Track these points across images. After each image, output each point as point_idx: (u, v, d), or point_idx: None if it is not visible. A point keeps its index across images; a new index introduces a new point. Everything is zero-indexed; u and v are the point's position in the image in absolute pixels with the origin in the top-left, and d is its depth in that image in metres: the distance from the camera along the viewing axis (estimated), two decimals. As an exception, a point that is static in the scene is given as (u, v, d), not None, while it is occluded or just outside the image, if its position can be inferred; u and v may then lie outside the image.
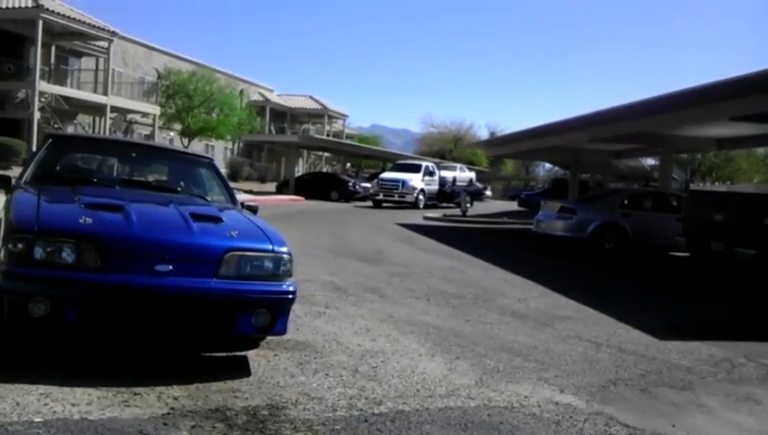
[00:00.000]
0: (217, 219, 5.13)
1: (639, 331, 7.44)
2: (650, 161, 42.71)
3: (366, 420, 4.07)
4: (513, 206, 43.48)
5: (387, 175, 33.71)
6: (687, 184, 51.09)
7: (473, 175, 42.26)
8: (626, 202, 16.78)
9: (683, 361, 6.33)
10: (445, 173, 35.85)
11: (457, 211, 28.60)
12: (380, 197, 32.05)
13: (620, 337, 7.13)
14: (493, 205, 47.02)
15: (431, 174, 33.57)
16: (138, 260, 4.39)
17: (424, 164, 33.66)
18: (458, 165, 41.95)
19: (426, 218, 25.66)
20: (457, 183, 36.01)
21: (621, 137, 22.15)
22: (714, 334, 7.59)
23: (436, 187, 34.04)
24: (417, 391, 4.75)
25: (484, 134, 75.06)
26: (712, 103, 15.55)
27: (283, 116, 55.76)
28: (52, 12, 29.00)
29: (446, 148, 71.53)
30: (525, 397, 4.83)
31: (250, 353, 5.15)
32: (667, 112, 17.74)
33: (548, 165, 70.96)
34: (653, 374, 5.80)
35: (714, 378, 5.87)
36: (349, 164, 58.81)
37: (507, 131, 51.20)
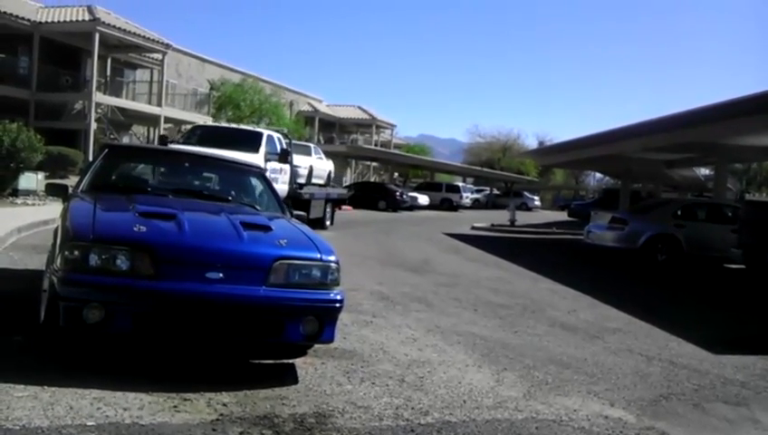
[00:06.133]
0: (267, 228, 5.20)
1: (693, 344, 7.28)
2: (704, 171, 41.75)
3: (412, 431, 4.06)
4: (562, 216, 42.97)
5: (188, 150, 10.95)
6: (743, 194, 49.82)
7: (331, 166, 23.17)
8: (679, 213, 16.49)
9: (737, 375, 6.16)
10: (296, 160, 17.47)
11: (504, 220, 28.38)
12: None
13: (673, 350, 6.98)
14: (542, 215, 46.56)
15: (281, 156, 15.44)
16: (189, 268, 4.47)
17: (265, 134, 16.45)
18: (312, 145, 23.60)
19: (473, 228, 25.64)
20: (313, 179, 19.30)
21: (675, 146, 21.72)
22: (771, 349, 7.39)
23: (285, 185, 15.49)
24: (464, 402, 4.72)
25: (532, 144, 74.39)
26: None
27: (331, 126, 56.14)
28: (109, 25, 29.73)
29: (494, 157, 71.10)
30: (574, 410, 4.76)
31: (297, 361, 5.19)
32: (724, 120, 17.33)
33: (598, 174, 69.98)
34: (706, 389, 5.66)
35: (770, 394, 5.71)
36: (396, 174, 58.91)
37: (556, 141, 50.70)
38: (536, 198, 62.42)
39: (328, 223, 19.29)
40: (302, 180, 17.64)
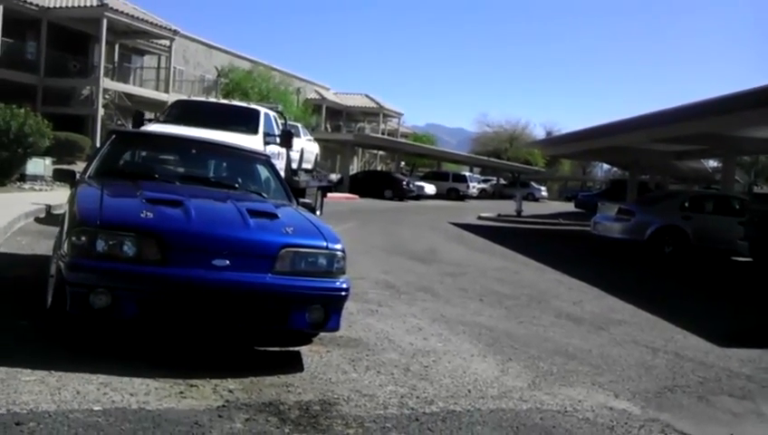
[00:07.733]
0: (273, 216, 5.20)
1: (698, 337, 7.26)
2: (712, 163, 41.60)
3: (417, 419, 4.07)
4: (569, 207, 42.87)
5: (157, 128, 11.60)
6: (751, 187, 49.64)
7: (318, 148, 20.41)
8: (687, 205, 16.43)
9: (743, 368, 6.15)
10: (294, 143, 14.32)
11: (511, 211, 28.34)
12: None
13: (678, 343, 6.97)
14: (548, 205, 46.48)
15: (282, 139, 12.99)
16: (196, 254, 4.48)
17: (263, 112, 13.86)
18: (299, 125, 20.50)
19: (480, 218, 25.62)
20: (304, 164, 16.88)
21: (683, 138, 21.63)
22: (777, 343, 7.37)
23: (281, 172, 9.61)
24: (469, 391, 4.72)
25: (540, 134, 74.00)
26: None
27: (338, 114, 56.06)
28: (117, 11, 29.72)
29: (502, 147, 70.80)
30: (579, 401, 4.76)
31: (303, 349, 5.20)
32: (734, 112, 17.24)
33: (606, 165, 69.73)
34: (711, 382, 5.65)
35: (776, 387, 5.70)
36: (403, 163, 58.83)
37: (564, 131, 50.60)
38: (543, 188, 62.30)
39: (318, 212, 14.50)
40: (293, 165, 14.99)
